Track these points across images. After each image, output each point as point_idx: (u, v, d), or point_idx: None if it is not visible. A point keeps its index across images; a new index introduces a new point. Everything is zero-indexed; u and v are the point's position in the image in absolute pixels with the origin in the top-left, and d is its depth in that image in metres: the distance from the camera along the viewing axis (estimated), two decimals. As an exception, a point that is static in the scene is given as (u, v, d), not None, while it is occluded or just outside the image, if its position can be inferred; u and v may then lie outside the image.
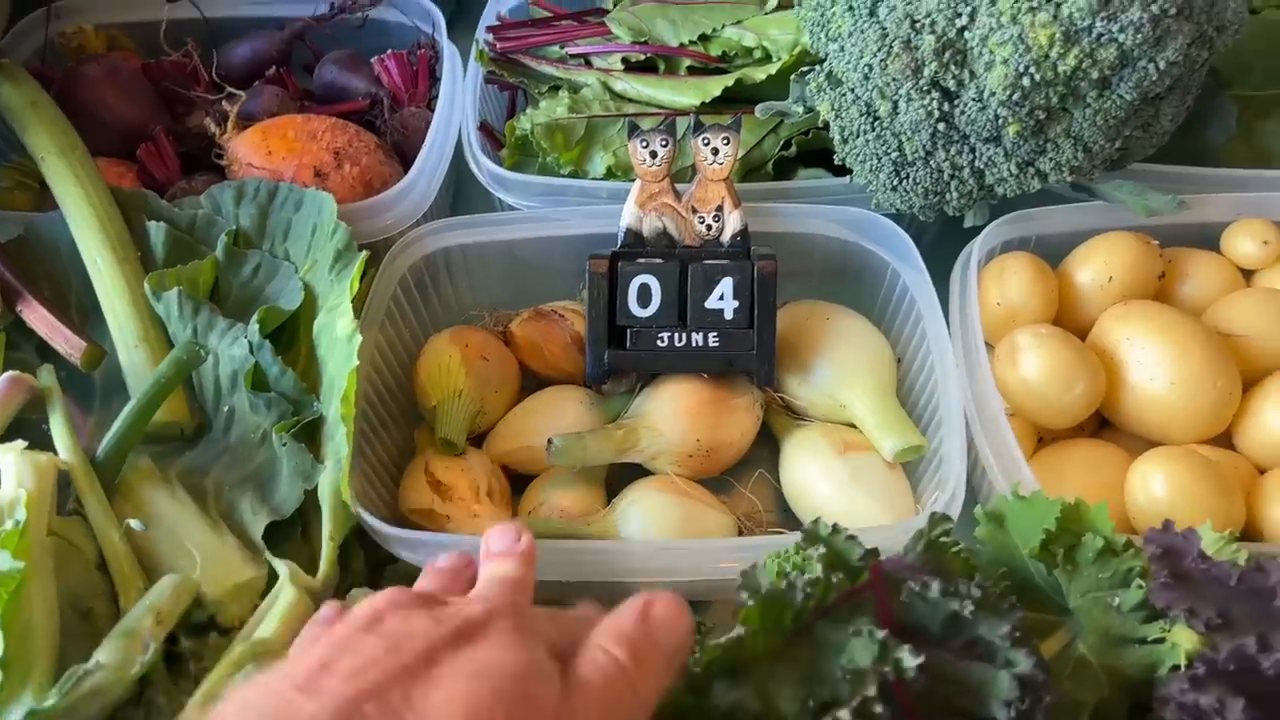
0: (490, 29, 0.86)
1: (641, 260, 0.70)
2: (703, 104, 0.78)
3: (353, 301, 0.67)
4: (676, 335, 0.70)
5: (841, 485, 0.68)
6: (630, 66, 0.83)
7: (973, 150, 0.68)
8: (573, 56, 0.85)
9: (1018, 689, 0.47)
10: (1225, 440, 0.67)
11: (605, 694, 0.40)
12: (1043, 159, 0.68)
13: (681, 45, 0.83)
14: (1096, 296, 0.71)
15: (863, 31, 0.66)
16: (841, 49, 0.68)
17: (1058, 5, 0.61)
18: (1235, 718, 0.46)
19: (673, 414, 0.70)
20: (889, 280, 0.75)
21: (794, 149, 0.79)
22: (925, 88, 0.65)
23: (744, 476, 0.73)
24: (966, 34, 0.63)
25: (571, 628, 0.44)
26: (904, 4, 0.64)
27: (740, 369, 0.70)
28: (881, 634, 0.47)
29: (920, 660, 0.47)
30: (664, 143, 0.72)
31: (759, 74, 0.79)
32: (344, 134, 0.80)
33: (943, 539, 0.56)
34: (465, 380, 0.73)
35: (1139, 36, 0.61)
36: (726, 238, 0.73)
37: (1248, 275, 0.73)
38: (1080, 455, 0.66)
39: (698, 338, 0.70)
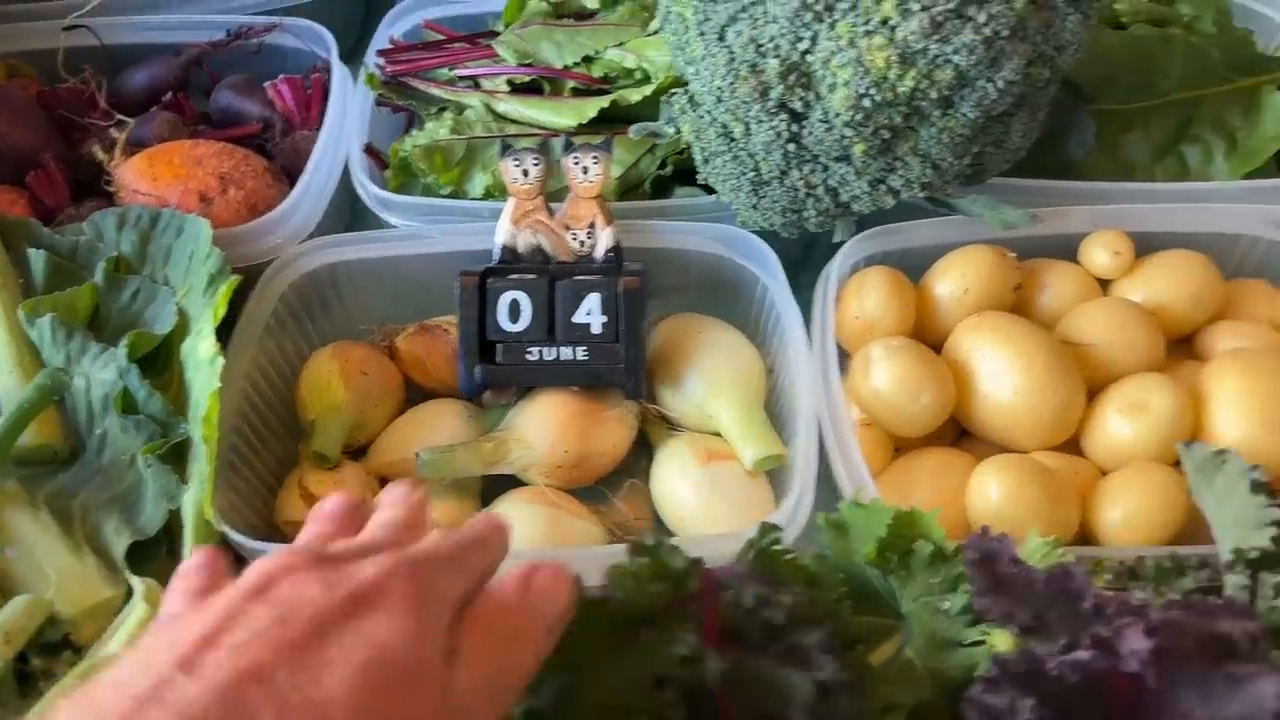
0: (380, 52, 0.88)
1: (512, 276, 0.72)
2: (579, 125, 0.80)
3: (222, 323, 0.68)
4: (546, 349, 0.72)
5: (702, 494, 0.70)
6: (516, 88, 0.85)
7: (825, 169, 0.70)
8: (461, 79, 0.87)
9: (818, 694, 0.49)
10: (1078, 446, 0.69)
11: (486, 670, 0.40)
12: (893, 176, 0.70)
13: (566, 67, 0.85)
14: (954, 308, 0.73)
15: (713, 55, 0.68)
16: (697, 72, 0.70)
17: (892, 29, 0.63)
18: (1025, 717, 0.48)
19: (541, 426, 0.72)
20: (759, 294, 0.77)
21: (670, 168, 0.81)
22: (773, 110, 0.67)
23: (620, 486, 0.75)
24: (809, 57, 0.65)
25: (465, 563, 0.42)
26: (750, 29, 0.66)
27: (608, 382, 0.72)
28: (690, 641, 0.49)
29: (724, 667, 0.48)
30: (535, 162, 0.74)
31: (635, 95, 0.81)
32: (231, 159, 0.81)
33: (773, 547, 0.58)
34: (344, 394, 0.74)
35: (973, 58, 0.63)
36: (600, 253, 0.75)
37: (1105, 285, 0.76)
38: (931, 463, 0.68)
39: (566, 352, 0.72)
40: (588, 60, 0.85)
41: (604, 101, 0.80)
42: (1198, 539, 0.62)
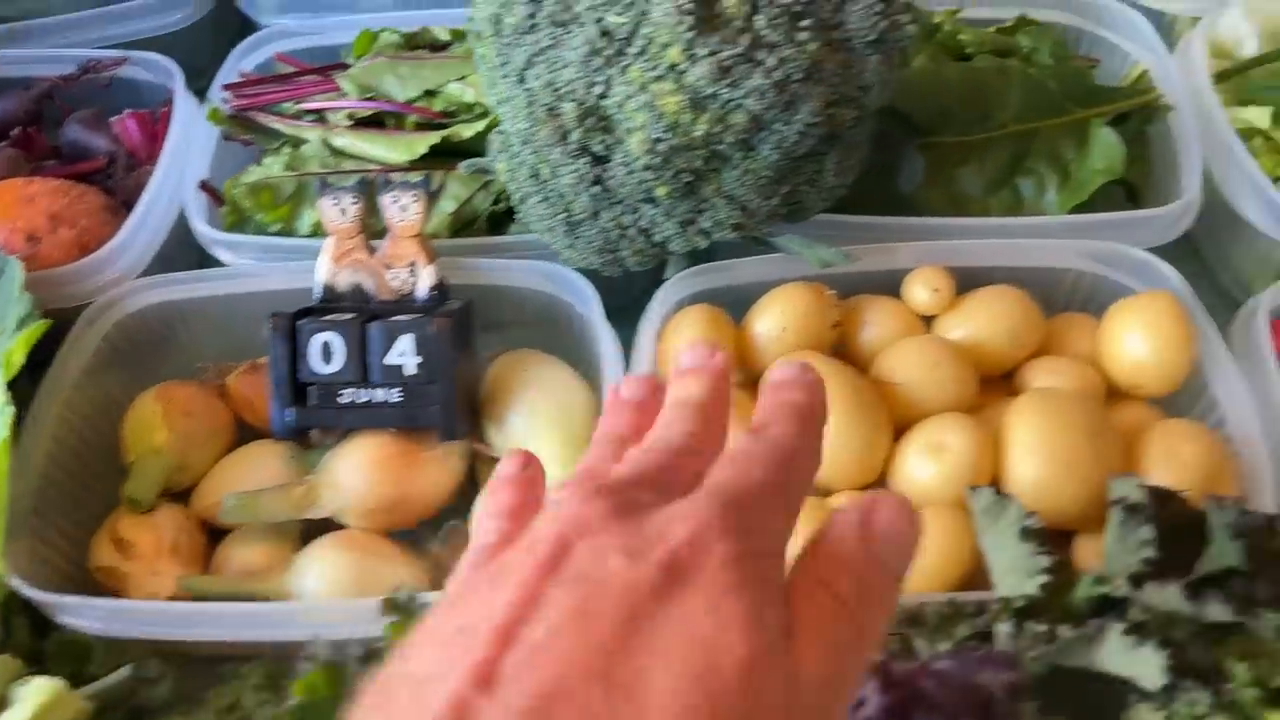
0: (226, 86, 0.88)
1: (326, 317, 0.72)
2: (411, 160, 0.80)
3: (25, 367, 0.68)
4: (360, 392, 0.72)
5: (514, 538, 0.70)
6: (358, 123, 0.85)
7: (635, 210, 0.70)
8: (307, 112, 0.86)
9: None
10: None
11: (834, 649, 0.31)
12: (702, 218, 0.70)
13: (408, 101, 0.85)
14: (772, 347, 0.73)
15: (515, 97, 0.67)
16: (504, 113, 0.70)
17: (681, 74, 0.63)
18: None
19: (354, 470, 0.71)
20: (587, 331, 0.77)
21: (504, 204, 0.81)
22: (574, 153, 0.67)
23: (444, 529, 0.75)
24: (605, 101, 0.65)
25: (791, 490, 0.33)
26: (547, 71, 0.66)
27: (423, 424, 0.72)
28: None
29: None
30: (354, 200, 0.74)
31: (467, 131, 0.81)
32: (65, 197, 0.81)
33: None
34: (165, 436, 0.74)
35: (765, 102, 0.63)
36: (422, 292, 0.75)
37: (930, 321, 0.76)
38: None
39: (380, 394, 0.71)
40: (429, 94, 0.85)
41: (435, 137, 0.80)
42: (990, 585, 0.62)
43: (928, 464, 0.65)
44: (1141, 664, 0.51)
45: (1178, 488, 0.62)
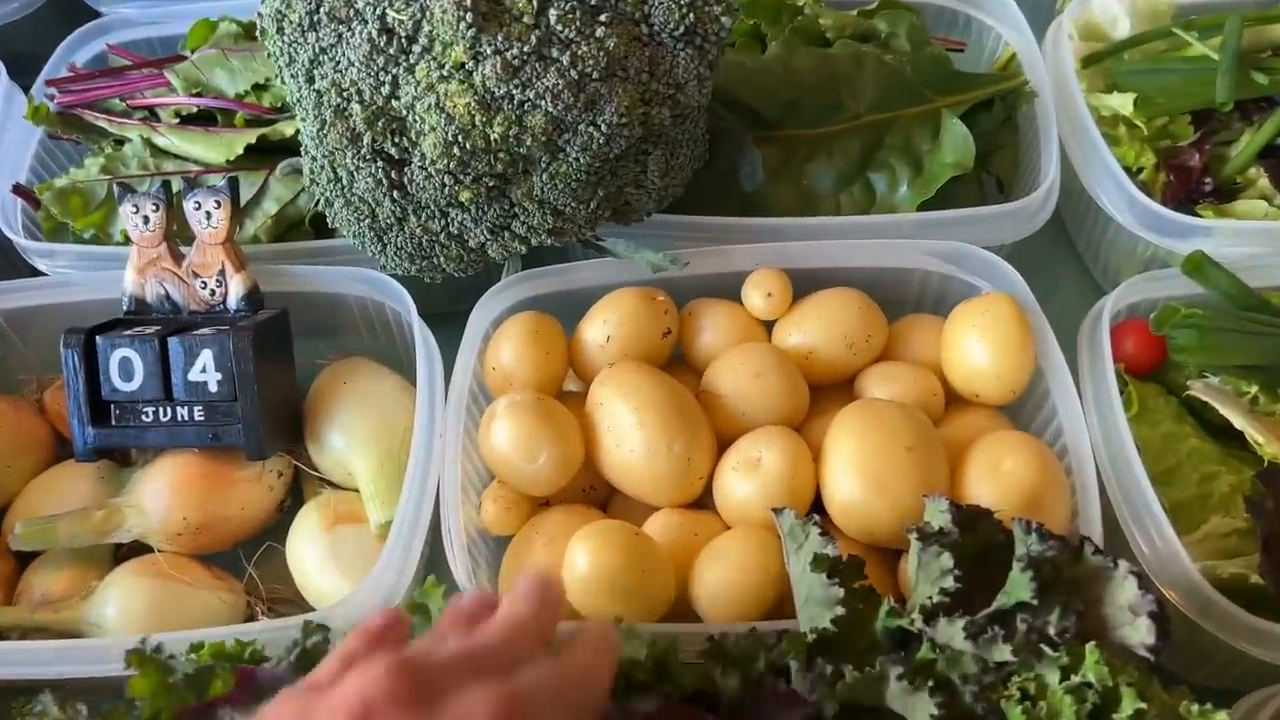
0: (51, 81, 0.84)
1: (126, 333, 0.68)
2: (230, 160, 0.76)
3: None
4: (162, 410, 0.68)
5: (324, 562, 0.67)
6: (187, 119, 0.81)
7: (444, 215, 0.66)
8: (135, 109, 0.82)
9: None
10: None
11: None
12: (515, 223, 0.66)
13: (238, 96, 0.80)
14: (600, 356, 0.69)
15: (305, 98, 0.64)
16: (298, 114, 0.66)
17: (468, 73, 0.59)
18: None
19: (158, 492, 0.68)
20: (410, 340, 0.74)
21: (331, 205, 0.77)
22: (368, 156, 0.63)
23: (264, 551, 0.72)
24: (395, 102, 0.61)
25: (569, 698, 0.41)
26: (333, 70, 0.62)
27: (228, 443, 0.68)
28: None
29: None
30: (155, 207, 0.70)
31: (289, 128, 0.76)
32: None
33: (322, 648, 0.54)
34: (-32, 456, 0.71)
35: (563, 102, 0.59)
36: (233, 302, 0.71)
37: (771, 327, 0.72)
38: (548, 524, 0.65)
39: (183, 412, 0.68)
40: (260, 89, 0.81)
41: (251, 136, 0.76)
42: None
43: (743, 481, 0.62)
44: (917, 709, 0.48)
45: (997, 506, 0.59)
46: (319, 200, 0.70)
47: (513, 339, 0.69)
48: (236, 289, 0.71)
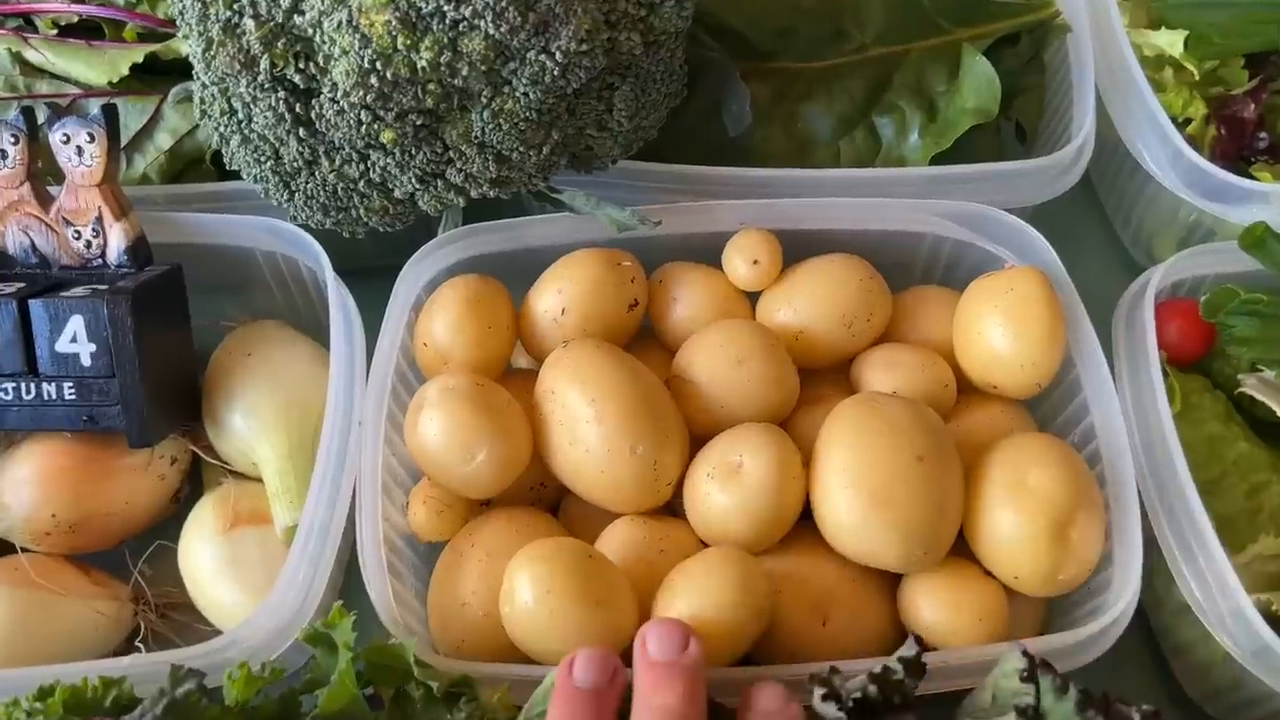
0: (-97, -19, 0.70)
1: (-25, 295, 0.57)
2: (112, 82, 0.64)
3: None
4: (25, 386, 0.57)
5: (218, 570, 0.56)
6: (65, 30, 0.68)
7: (363, 159, 0.54)
8: (5, 16, 0.69)
9: None
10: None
11: None
12: (450, 170, 0.54)
13: (129, 4, 0.67)
14: (554, 332, 0.58)
15: (187, 8, 0.51)
16: (182, 30, 0.53)
17: (389, -17, 0.47)
18: None
19: (20, 483, 0.57)
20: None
21: (238, 139, 0.65)
22: (267, 85, 0.51)
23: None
24: (299, 18, 0.49)
25: None
26: (222, -24, 0.50)
27: (104, 426, 0.57)
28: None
29: None
30: (14, 138, 0.58)
31: (185, 46, 0.64)
32: None
33: (195, 698, 0.44)
34: None
35: (506, 23, 0.48)
36: (113, 256, 0.59)
37: (756, 299, 0.61)
38: (489, 531, 0.54)
39: (50, 389, 0.57)
40: (153, -2, 0.68)
41: (139, 53, 0.63)
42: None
43: (720, 490, 0.52)
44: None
45: (1020, 532, 0.50)
46: (215, 136, 0.57)
47: (448, 308, 0.57)
48: (117, 240, 0.59)
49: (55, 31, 0.68)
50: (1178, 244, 0.67)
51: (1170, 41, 0.66)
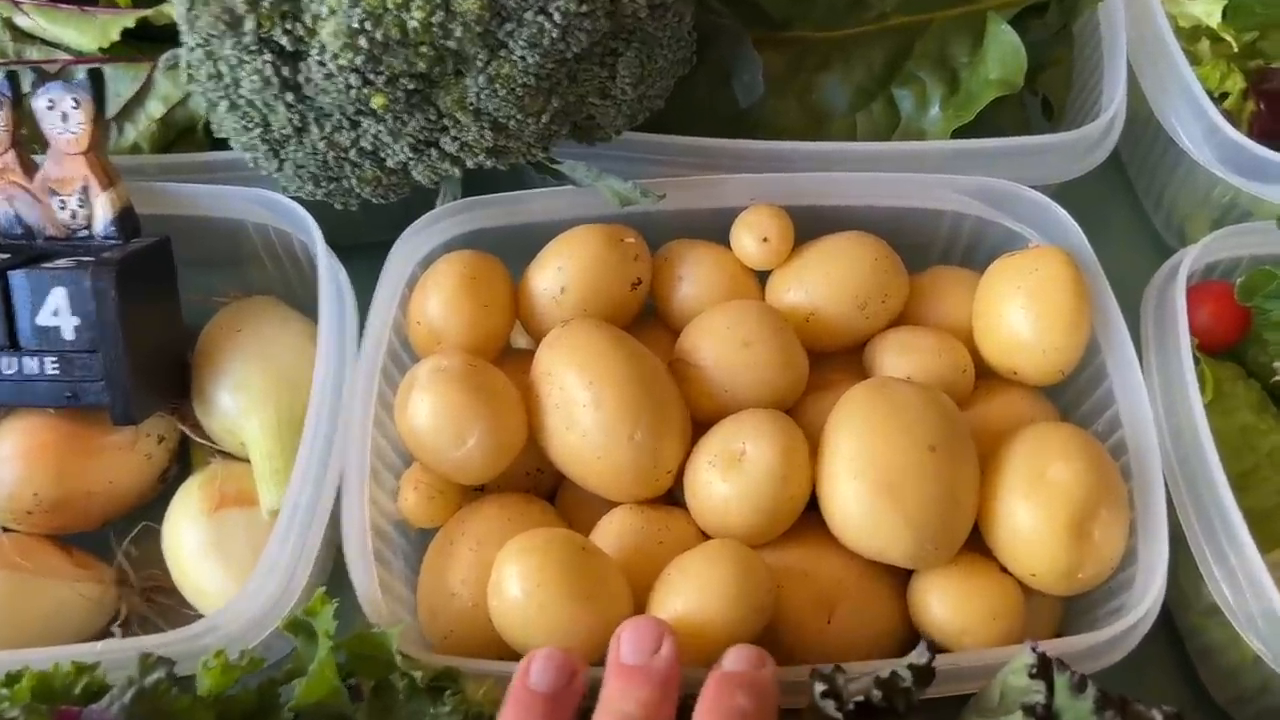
0: (-107, -58, 0.68)
1: (-43, 265, 0.55)
2: (103, 48, 0.62)
3: None
4: (5, 361, 0.55)
5: (202, 553, 0.55)
6: (57, -6, 0.66)
7: (355, 126, 0.52)
8: (-3, -21, 0.67)
9: None
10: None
11: None
12: (445, 139, 0.52)
13: (123, -33, 0.65)
14: (554, 311, 0.56)
15: (170, -33, 0.49)
16: (167, -10, 0.51)
17: (377, -63, 0.45)
18: None
19: (1, 461, 0.55)
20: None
21: (231, 107, 0.62)
22: (253, 47, 0.49)
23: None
24: (284, -25, 0.47)
25: None
26: (203, -69, 0.47)
27: (87, 402, 0.55)
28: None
29: None
30: (-7, 105, 0.56)
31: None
32: None
33: (164, 687, 0.42)
34: None
35: (505, -19, 0.45)
36: (100, 227, 0.57)
37: (765, 279, 0.59)
38: (479, 520, 0.52)
39: (31, 364, 0.55)
40: (148, -41, 0.65)
41: (130, 19, 0.61)
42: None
43: (721, 479, 0.49)
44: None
45: (1039, 528, 0.47)
46: (203, 102, 0.55)
47: (443, 286, 0.55)
48: (103, 211, 0.57)
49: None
50: (1212, 224, 0.64)
51: (1207, 11, 0.63)
